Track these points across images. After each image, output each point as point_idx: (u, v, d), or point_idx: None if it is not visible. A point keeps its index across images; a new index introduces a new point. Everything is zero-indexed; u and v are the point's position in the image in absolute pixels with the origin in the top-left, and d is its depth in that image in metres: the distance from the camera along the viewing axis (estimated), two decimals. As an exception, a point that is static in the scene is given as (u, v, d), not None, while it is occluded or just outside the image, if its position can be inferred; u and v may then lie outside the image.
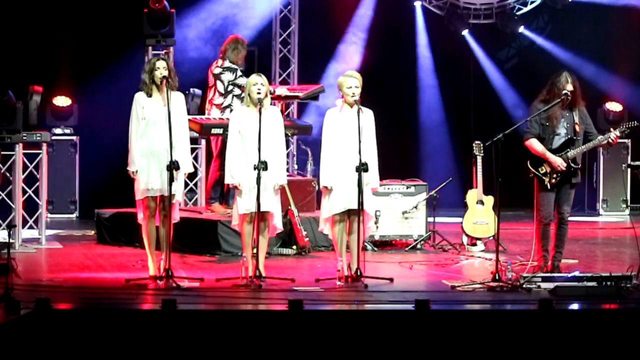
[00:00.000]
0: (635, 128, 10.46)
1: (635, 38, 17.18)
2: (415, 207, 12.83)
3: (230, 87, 12.57)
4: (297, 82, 16.24)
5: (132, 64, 14.33)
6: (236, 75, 12.56)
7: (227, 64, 12.66)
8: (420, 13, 17.72)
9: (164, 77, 10.10)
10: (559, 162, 10.22)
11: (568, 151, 10.25)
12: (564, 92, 10.23)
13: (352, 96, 10.10)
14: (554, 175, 10.25)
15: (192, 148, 11.00)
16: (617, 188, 16.76)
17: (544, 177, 10.27)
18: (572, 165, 10.26)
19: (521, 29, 17.76)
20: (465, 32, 17.71)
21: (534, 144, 10.30)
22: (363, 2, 17.26)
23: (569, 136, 10.29)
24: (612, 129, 10.36)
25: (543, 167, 10.29)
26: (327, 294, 9.64)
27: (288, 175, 11.28)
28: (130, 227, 11.94)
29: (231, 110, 12.22)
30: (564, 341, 8.45)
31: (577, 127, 10.31)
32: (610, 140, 10.31)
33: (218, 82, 12.64)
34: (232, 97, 12.53)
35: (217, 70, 12.68)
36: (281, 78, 16.45)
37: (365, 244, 11.30)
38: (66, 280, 10.19)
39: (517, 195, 12.35)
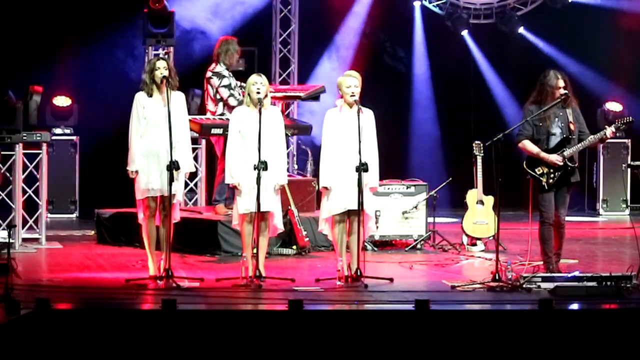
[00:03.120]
0: (630, 124, 10.47)
1: (631, 39, 17.21)
2: (415, 207, 12.83)
3: (218, 96, 12.46)
4: (297, 82, 16.25)
5: (132, 64, 14.35)
6: (221, 82, 12.40)
7: (218, 68, 12.54)
8: (418, 13, 17.72)
9: (164, 77, 10.10)
10: (554, 158, 10.21)
11: (564, 150, 10.25)
12: (564, 92, 10.23)
13: (352, 96, 10.10)
14: (552, 175, 10.24)
15: (192, 148, 10.99)
16: (617, 188, 16.76)
17: (541, 178, 10.26)
18: (569, 164, 10.25)
19: (521, 30, 17.76)
20: (464, 33, 17.71)
21: (527, 145, 10.29)
22: (361, 3, 17.28)
23: (564, 135, 10.29)
24: (606, 127, 10.36)
25: (540, 168, 10.27)
26: (327, 294, 9.64)
27: (288, 176, 11.27)
28: (130, 227, 11.95)
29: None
30: (564, 341, 8.45)
31: (571, 126, 10.30)
32: (604, 137, 10.29)
33: (209, 87, 12.57)
34: (224, 107, 12.44)
35: (208, 75, 12.59)
36: (281, 78, 16.46)
37: (365, 244, 11.29)
38: (66, 280, 10.19)
39: (517, 195, 12.35)
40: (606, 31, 17.49)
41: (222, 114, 12.38)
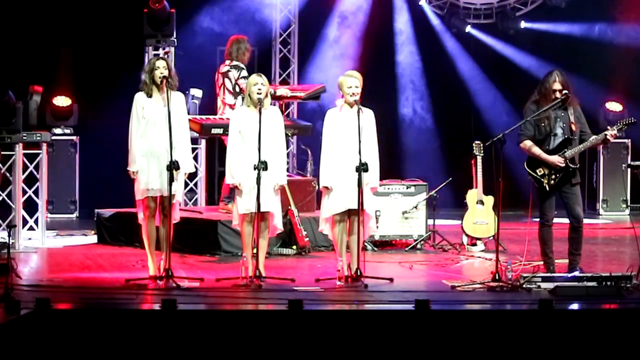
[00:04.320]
0: (631, 124, 10.45)
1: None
2: (415, 207, 12.83)
3: (237, 88, 12.59)
4: (297, 82, 16.26)
5: (132, 64, 14.34)
6: (240, 74, 12.59)
7: (235, 62, 12.73)
8: (430, 12, 17.71)
9: (164, 77, 10.10)
10: (555, 160, 10.19)
11: (565, 151, 10.22)
12: (565, 92, 10.21)
13: (352, 96, 10.11)
14: (553, 176, 10.23)
15: (192, 148, 11.00)
16: (617, 188, 16.76)
17: (542, 179, 10.24)
18: (571, 165, 10.23)
19: (523, 24, 17.74)
20: (468, 28, 17.68)
21: (528, 145, 10.27)
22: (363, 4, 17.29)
23: (566, 136, 10.26)
24: (608, 127, 10.35)
25: (541, 169, 10.25)
26: (327, 294, 9.64)
27: (288, 175, 11.27)
28: (130, 227, 11.95)
29: None
30: (564, 341, 8.45)
31: (573, 127, 10.28)
32: (606, 138, 10.28)
33: (226, 80, 12.70)
34: (243, 99, 12.52)
35: (225, 69, 12.76)
36: (281, 78, 16.46)
37: (365, 244, 11.29)
38: (66, 280, 10.19)
39: (517, 196, 12.36)
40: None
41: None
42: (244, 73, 12.61)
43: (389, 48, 17.73)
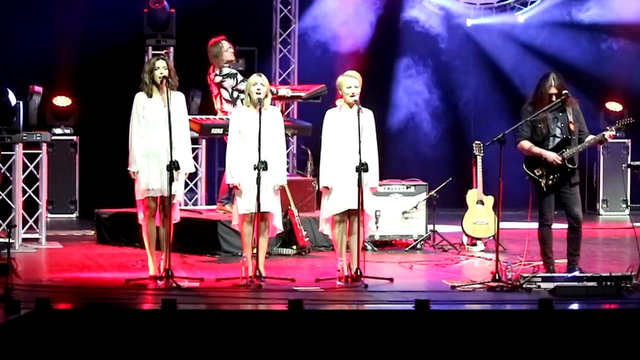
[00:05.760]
0: (630, 125, 10.45)
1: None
2: (415, 207, 12.83)
3: (235, 94, 12.53)
4: (297, 82, 16.25)
5: (132, 64, 14.33)
6: (237, 80, 12.51)
7: (225, 70, 12.59)
8: (436, 9, 17.68)
9: (164, 77, 10.09)
10: (553, 155, 10.17)
11: (564, 151, 10.22)
12: (564, 92, 10.20)
13: (352, 96, 10.11)
14: (551, 177, 10.22)
15: (192, 148, 11.00)
16: (617, 188, 16.76)
17: (540, 179, 10.23)
18: (569, 165, 10.22)
19: (521, 20, 17.74)
20: (470, 23, 17.65)
21: (524, 145, 10.27)
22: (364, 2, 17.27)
23: (565, 136, 10.26)
24: (607, 128, 10.35)
25: (539, 169, 10.24)
26: (327, 294, 9.64)
27: (288, 175, 11.27)
28: (130, 227, 11.95)
29: None
30: (564, 341, 8.45)
31: (571, 126, 10.27)
32: (604, 138, 10.28)
33: (222, 90, 12.61)
34: (241, 104, 12.49)
35: (217, 79, 12.62)
36: (281, 78, 16.46)
37: (365, 244, 11.29)
38: (66, 280, 10.19)
39: (517, 195, 12.35)
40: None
41: None
42: (240, 77, 12.51)
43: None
